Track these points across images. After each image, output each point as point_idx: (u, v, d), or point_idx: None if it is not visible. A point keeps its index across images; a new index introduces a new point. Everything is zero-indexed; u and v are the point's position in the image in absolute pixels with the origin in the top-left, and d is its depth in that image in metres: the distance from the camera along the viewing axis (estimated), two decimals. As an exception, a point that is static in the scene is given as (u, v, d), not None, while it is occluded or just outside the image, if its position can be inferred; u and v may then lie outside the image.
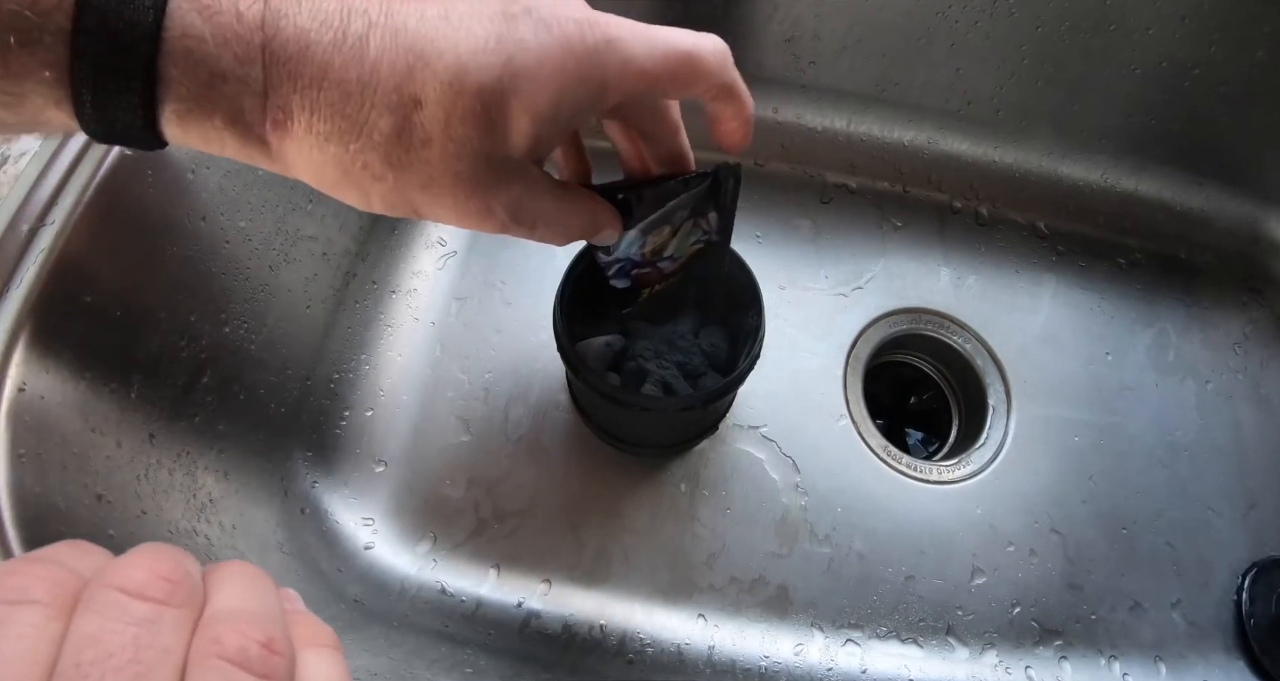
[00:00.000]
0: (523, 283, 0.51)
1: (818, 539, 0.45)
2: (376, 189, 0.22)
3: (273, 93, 0.20)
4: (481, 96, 0.21)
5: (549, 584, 0.43)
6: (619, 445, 0.45)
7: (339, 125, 0.21)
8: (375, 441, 0.46)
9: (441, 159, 0.21)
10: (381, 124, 0.21)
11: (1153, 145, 0.55)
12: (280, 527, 0.40)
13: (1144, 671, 0.43)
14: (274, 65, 0.20)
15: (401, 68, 0.20)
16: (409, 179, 0.22)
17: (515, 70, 0.21)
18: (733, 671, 0.41)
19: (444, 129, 0.21)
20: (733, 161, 0.29)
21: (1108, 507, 0.47)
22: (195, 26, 0.19)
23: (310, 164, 0.22)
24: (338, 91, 0.20)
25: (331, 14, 0.20)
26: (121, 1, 0.19)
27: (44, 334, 0.28)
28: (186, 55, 0.20)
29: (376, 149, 0.21)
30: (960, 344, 0.51)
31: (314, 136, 0.21)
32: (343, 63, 0.20)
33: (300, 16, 0.20)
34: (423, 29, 0.21)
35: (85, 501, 0.28)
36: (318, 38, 0.20)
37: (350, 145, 0.21)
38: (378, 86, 0.20)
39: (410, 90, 0.20)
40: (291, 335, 0.42)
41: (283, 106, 0.21)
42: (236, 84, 0.20)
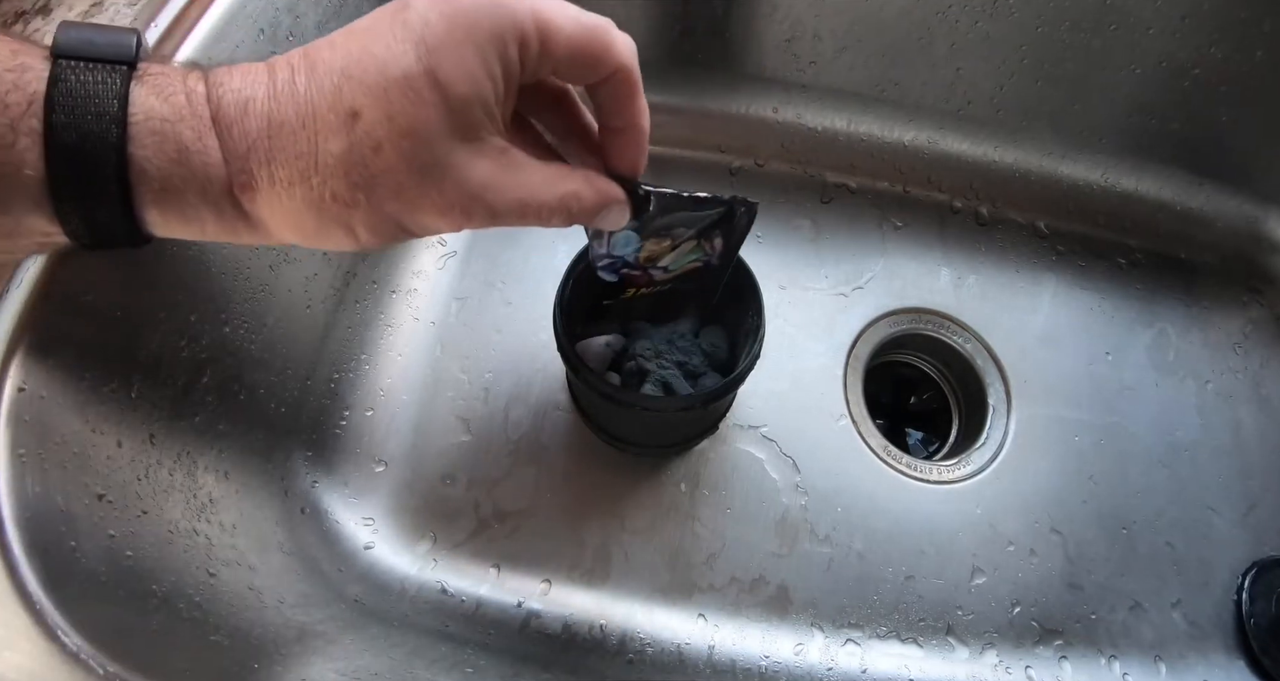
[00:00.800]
0: (523, 283, 0.51)
1: (818, 538, 0.45)
2: (355, 217, 0.22)
3: (230, 157, 0.22)
4: (409, 80, 0.21)
5: (549, 584, 0.43)
6: (619, 445, 0.45)
7: (296, 166, 0.22)
8: (375, 441, 0.46)
9: (399, 158, 0.21)
10: (331, 147, 0.21)
11: (1153, 145, 0.55)
12: (280, 527, 0.40)
13: (1144, 671, 0.43)
14: (225, 132, 0.22)
15: (330, 90, 0.21)
16: (379, 194, 0.22)
17: (430, 44, 0.21)
18: (733, 671, 0.41)
19: (388, 127, 0.21)
20: (752, 200, 0.29)
21: (1108, 507, 0.47)
22: (156, 108, 0.21)
23: (286, 215, 0.22)
24: (284, 135, 0.21)
25: (259, 72, 0.22)
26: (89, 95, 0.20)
27: (44, 334, 0.28)
28: (152, 134, 0.21)
29: (335, 173, 0.21)
30: (960, 344, 0.51)
31: (279, 186, 0.22)
32: (279, 109, 0.21)
33: (234, 81, 0.22)
34: (335, 53, 0.22)
35: (85, 501, 0.28)
36: (253, 94, 0.22)
37: (312, 179, 0.22)
38: (315, 115, 0.21)
39: (343, 106, 0.21)
40: (291, 335, 0.42)
41: (243, 167, 0.22)
42: (199, 155, 0.21)
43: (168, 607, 0.29)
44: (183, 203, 0.22)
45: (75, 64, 0.21)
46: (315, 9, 0.40)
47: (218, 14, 0.34)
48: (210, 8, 0.34)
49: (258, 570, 0.35)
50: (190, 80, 0.22)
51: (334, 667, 0.32)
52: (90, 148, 0.20)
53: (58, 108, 0.20)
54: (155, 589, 0.29)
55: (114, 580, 0.28)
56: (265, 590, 0.35)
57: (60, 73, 0.20)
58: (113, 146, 0.20)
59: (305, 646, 0.33)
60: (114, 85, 0.21)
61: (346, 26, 0.23)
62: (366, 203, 0.22)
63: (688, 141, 0.56)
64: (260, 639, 0.32)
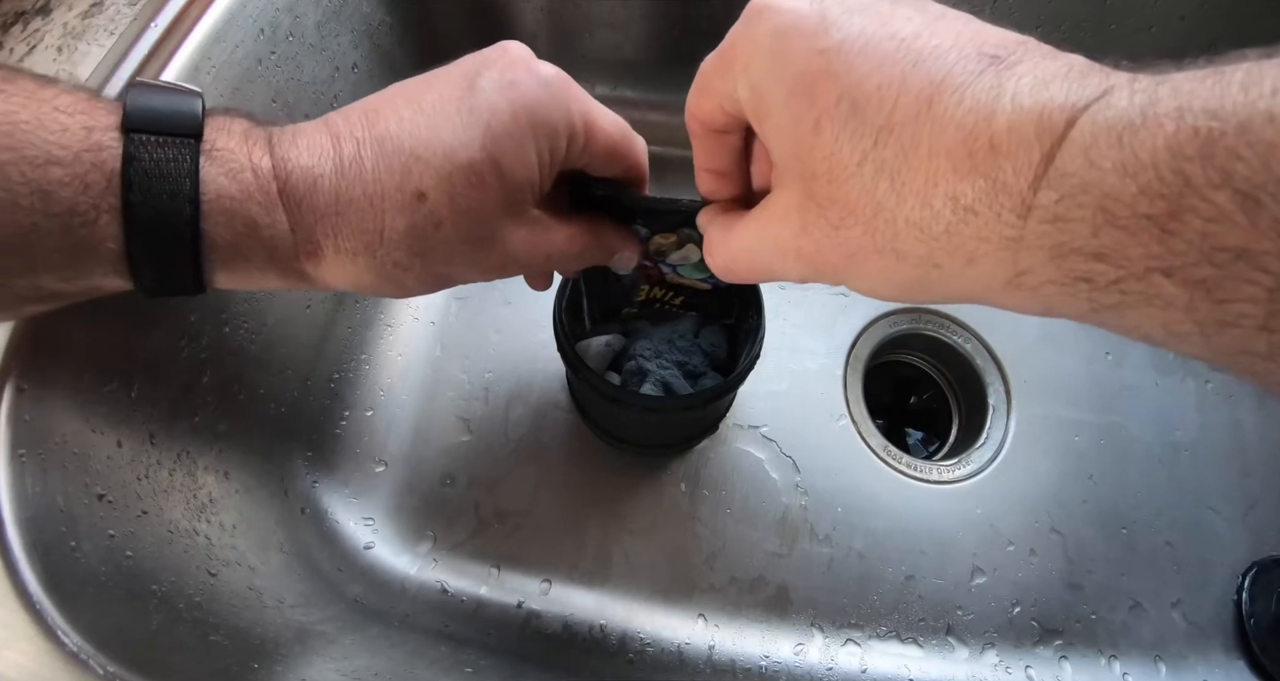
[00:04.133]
0: (523, 283, 0.51)
1: (818, 538, 0.45)
2: (408, 278, 0.25)
3: (298, 229, 0.23)
4: (474, 168, 0.23)
5: (549, 584, 0.43)
6: (619, 445, 0.45)
7: (362, 240, 0.23)
8: (375, 441, 0.46)
9: (455, 233, 0.24)
10: (397, 224, 0.23)
11: (1153, 145, 0.55)
12: (280, 527, 0.40)
13: (1144, 671, 0.43)
14: (293, 206, 0.23)
15: (399, 170, 0.23)
16: (433, 259, 0.24)
17: (495, 132, 0.23)
18: (733, 671, 0.41)
19: (450, 208, 0.23)
20: None
21: (1108, 507, 0.47)
22: (226, 187, 0.22)
23: (347, 277, 0.25)
24: (352, 211, 0.23)
25: (326, 146, 0.23)
26: (162, 175, 0.21)
27: (44, 334, 0.28)
28: (222, 213, 0.22)
29: (399, 246, 0.24)
30: (960, 344, 0.51)
31: (343, 255, 0.24)
32: (348, 185, 0.23)
33: (302, 156, 0.23)
34: (403, 130, 0.23)
35: (85, 501, 0.28)
36: (320, 170, 0.23)
37: (376, 252, 0.24)
38: (384, 196, 0.23)
39: (411, 187, 0.23)
40: (291, 335, 0.42)
41: (310, 238, 0.23)
42: (268, 229, 0.23)
43: (168, 607, 0.29)
44: (249, 267, 0.24)
45: (146, 139, 0.22)
46: (315, 9, 0.40)
47: (218, 14, 0.34)
48: (210, 8, 0.34)
49: (258, 570, 0.35)
50: (256, 154, 0.23)
51: (334, 667, 0.32)
52: (166, 224, 0.22)
53: (134, 188, 0.21)
54: (155, 589, 0.29)
55: (114, 580, 0.28)
56: (265, 590, 0.35)
57: (134, 151, 0.21)
58: (186, 223, 0.22)
59: (305, 646, 0.33)
60: (184, 163, 0.22)
61: (412, 95, 0.24)
62: (421, 266, 0.24)
63: (687, 141, 0.56)
64: (260, 639, 0.32)
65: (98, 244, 0.22)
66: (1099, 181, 0.14)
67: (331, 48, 0.42)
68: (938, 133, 0.16)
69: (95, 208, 0.21)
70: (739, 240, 0.22)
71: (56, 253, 0.21)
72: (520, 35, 0.53)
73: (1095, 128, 0.14)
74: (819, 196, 0.19)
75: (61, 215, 0.21)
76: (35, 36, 0.32)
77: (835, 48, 0.18)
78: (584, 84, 0.26)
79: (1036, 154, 0.15)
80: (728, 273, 0.24)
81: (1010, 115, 0.16)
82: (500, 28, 0.53)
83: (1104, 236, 0.14)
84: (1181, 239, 0.13)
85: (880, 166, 0.17)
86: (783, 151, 0.19)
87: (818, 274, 0.20)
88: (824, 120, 0.18)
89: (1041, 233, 0.15)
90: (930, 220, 0.17)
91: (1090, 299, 0.15)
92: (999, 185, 0.16)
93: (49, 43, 0.32)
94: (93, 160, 0.21)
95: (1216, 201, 0.13)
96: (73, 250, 0.22)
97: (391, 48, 0.47)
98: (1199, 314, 0.14)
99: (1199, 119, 0.13)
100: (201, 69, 0.33)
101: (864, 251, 0.18)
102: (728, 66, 0.20)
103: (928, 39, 0.17)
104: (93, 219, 0.21)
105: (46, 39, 0.32)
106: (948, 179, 0.16)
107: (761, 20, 0.19)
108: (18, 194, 0.20)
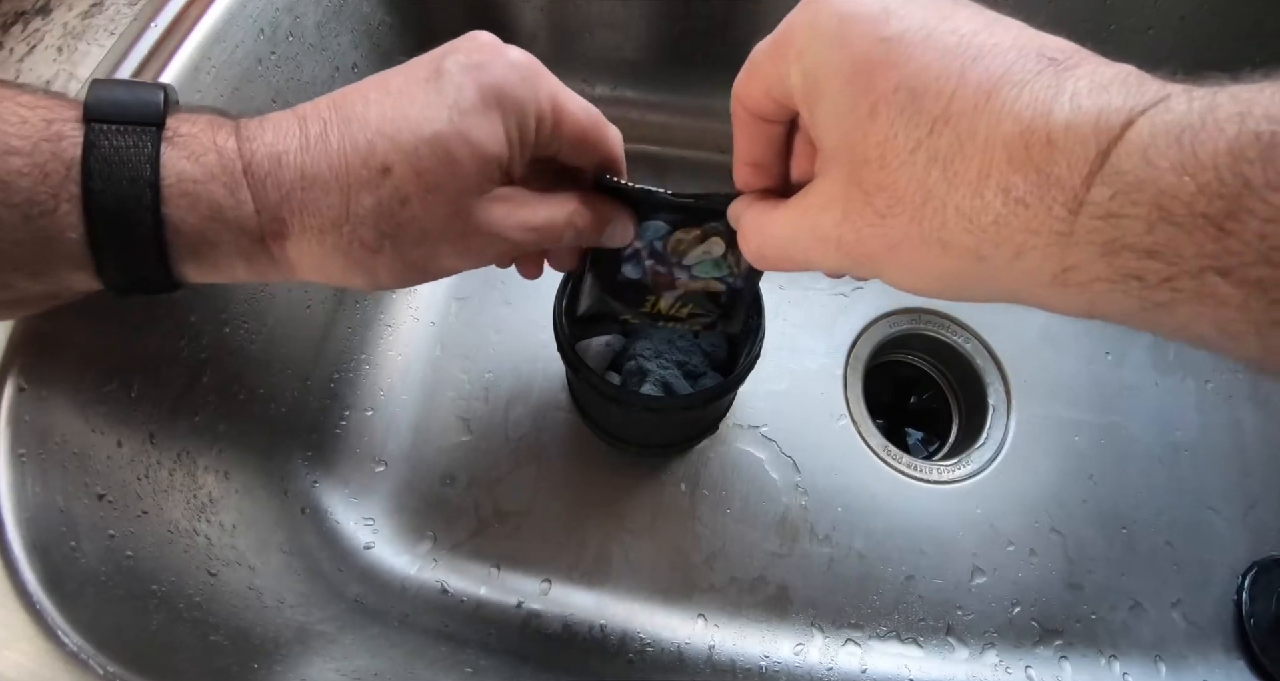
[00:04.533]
0: (523, 283, 0.50)
1: (818, 538, 0.45)
2: (379, 262, 0.24)
3: (263, 208, 0.23)
4: (439, 140, 0.23)
5: (549, 584, 0.43)
6: (619, 445, 0.45)
7: (329, 216, 0.23)
8: (375, 441, 0.46)
9: (424, 209, 0.23)
10: (364, 200, 0.23)
11: (1153, 145, 0.55)
12: (280, 527, 0.40)
13: (1144, 671, 0.43)
14: (257, 184, 0.23)
15: (364, 147, 0.23)
16: (403, 240, 0.24)
17: (463, 109, 0.23)
18: (733, 671, 0.41)
19: (417, 183, 0.23)
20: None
21: (1108, 507, 0.47)
22: (188, 170, 0.22)
23: (314, 259, 0.24)
24: (317, 187, 0.23)
25: (291, 125, 0.23)
26: (122, 161, 0.21)
27: (44, 334, 0.28)
28: (185, 196, 0.22)
29: (366, 223, 0.23)
30: (960, 344, 0.51)
31: (309, 233, 0.23)
32: (313, 161, 0.23)
33: (266, 136, 0.23)
34: (370, 110, 0.23)
35: (85, 501, 0.28)
36: (284, 147, 0.23)
37: (343, 228, 0.23)
38: (349, 171, 0.23)
39: (376, 162, 0.23)
40: (291, 335, 0.42)
41: (275, 216, 0.23)
42: (232, 210, 0.23)
43: (168, 607, 0.29)
44: (215, 253, 0.23)
45: (107, 128, 0.21)
46: (315, 9, 0.40)
47: (218, 14, 0.34)
48: (210, 8, 0.34)
49: (258, 570, 0.35)
50: (220, 137, 0.23)
51: (334, 667, 0.32)
52: (127, 211, 0.21)
53: (94, 174, 0.21)
54: (155, 589, 0.29)
55: (114, 580, 0.28)
56: (265, 590, 0.35)
57: (94, 138, 0.21)
58: (148, 208, 0.22)
59: (305, 646, 0.33)
60: (145, 149, 0.22)
61: (379, 80, 0.24)
62: (391, 248, 0.24)
63: (688, 141, 0.56)
64: (260, 639, 0.32)
65: (59, 234, 0.21)
66: (1155, 179, 0.14)
67: (331, 48, 0.42)
68: (995, 125, 0.17)
69: (55, 197, 0.21)
70: (776, 226, 0.22)
71: (17, 246, 0.21)
72: (520, 35, 0.53)
73: (1154, 129, 0.15)
74: (867, 183, 0.19)
75: (20, 205, 0.21)
76: (35, 36, 0.32)
77: (897, 37, 0.18)
78: (584, 84, 0.26)
79: (1093, 150, 0.15)
80: (760, 259, 0.24)
81: (1069, 114, 0.16)
82: (500, 28, 0.53)
83: (1158, 233, 0.15)
84: (1239, 239, 0.14)
85: (934, 155, 0.17)
86: (833, 138, 0.19)
87: (855, 265, 0.20)
88: (881, 106, 0.18)
89: (1093, 228, 0.15)
90: (980, 210, 0.17)
91: (1141, 297, 0.15)
92: (1052, 179, 0.16)
93: (49, 43, 0.32)
94: (52, 150, 0.21)
95: (1276, 203, 0.13)
96: (34, 242, 0.21)
97: (391, 48, 0.47)
98: (1254, 313, 0.14)
99: (1260, 124, 0.13)
100: (201, 69, 0.33)
101: (909, 241, 0.18)
102: (782, 51, 0.21)
103: (987, 37, 0.18)
104: (52, 208, 0.21)
105: (46, 39, 0.32)
106: (1001, 170, 0.16)
107: (823, 6, 0.19)
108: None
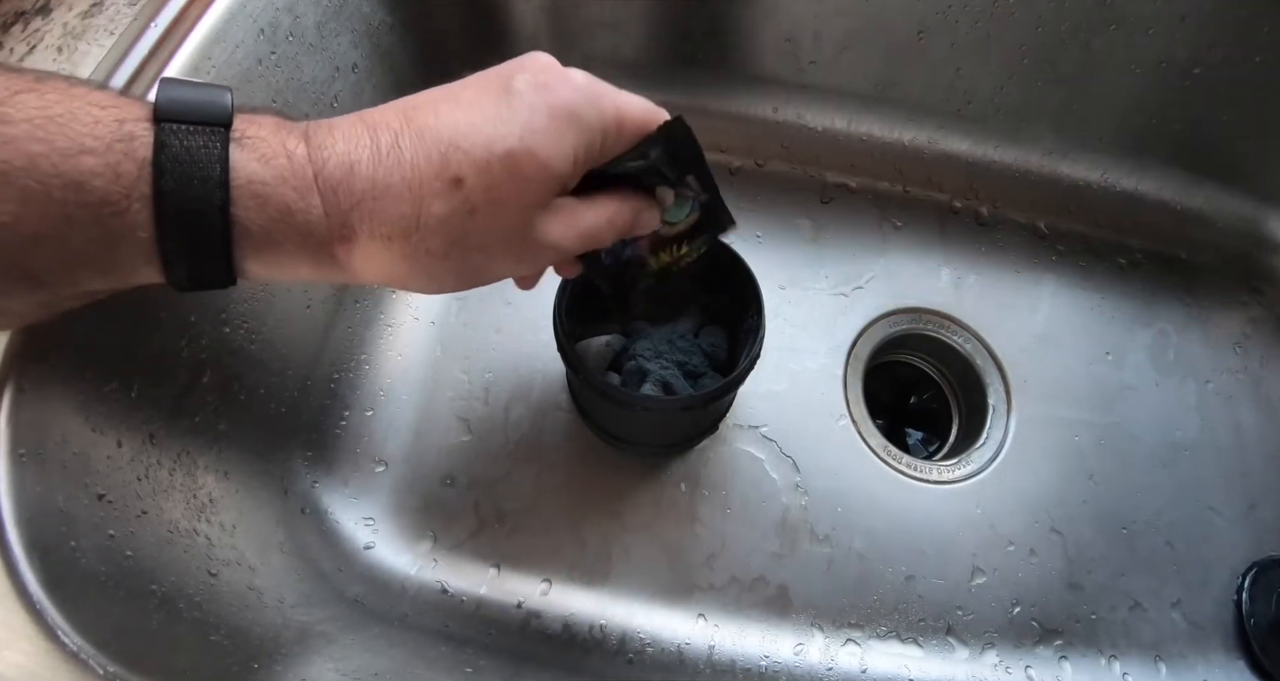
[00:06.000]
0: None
1: (818, 539, 0.45)
2: (444, 268, 0.25)
3: (332, 213, 0.23)
4: (511, 157, 0.24)
5: (549, 584, 0.43)
6: (619, 445, 0.45)
7: (399, 225, 0.24)
8: (375, 441, 0.46)
9: (490, 220, 0.24)
10: (434, 209, 0.24)
11: (1153, 145, 0.55)
12: (280, 527, 0.40)
13: (1144, 671, 0.43)
14: (328, 191, 0.23)
15: (436, 159, 0.24)
16: (467, 247, 0.25)
17: (534, 128, 0.24)
18: (733, 671, 0.41)
19: (486, 194, 0.24)
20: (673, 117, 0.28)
21: (1108, 507, 0.47)
22: (258, 172, 0.23)
23: (380, 265, 0.25)
24: (389, 197, 0.24)
25: (361, 134, 0.24)
26: (193, 161, 0.22)
27: (44, 334, 0.28)
28: (254, 197, 0.23)
29: (435, 232, 0.24)
30: (960, 344, 0.51)
31: (378, 240, 0.24)
32: (385, 173, 0.23)
33: (338, 144, 0.24)
34: (442, 122, 0.24)
35: (85, 501, 0.28)
36: (357, 157, 0.23)
37: (412, 236, 0.24)
38: (421, 183, 0.24)
39: (448, 173, 0.24)
40: (291, 335, 0.42)
41: (344, 222, 0.24)
42: (301, 214, 0.23)
43: (168, 607, 0.29)
44: (279, 254, 0.24)
45: (177, 128, 0.22)
46: (315, 9, 0.40)
47: (218, 14, 0.34)
48: (210, 8, 0.34)
49: (258, 570, 0.35)
50: (290, 142, 0.23)
51: (334, 667, 0.32)
52: (197, 211, 0.22)
53: (165, 174, 0.21)
54: (155, 589, 0.29)
55: (114, 580, 0.28)
56: (265, 590, 0.35)
57: (165, 138, 0.22)
58: (217, 209, 0.22)
59: (305, 646, 0.33)
60: (215, 150, 0.22)
61: (447, 93, 0.25)
62: (456, 256, 0.25)
63: (688, 141, 0.56)
64: (260, 639, 0.32)
65: (129, 233, 0.22)
66: None
67: (331, 48, 0.42)
68: None
69: (127, 196, 0.21)
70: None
71: (90, 244, 0.22)
72: (520, 36, 0.53)
73: None
74: None
75: (94, 205, 0.21)
76: (35, 36, 0.32)
77: None
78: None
79: None
80: None
81: None
82: (500, 28, 0.53)
83: None
84: None
85: None
86: None
87: None
88: None
89: None
90: None
91: None
92: None
93: (49, 43, 0.32)
94: (124, 150, 0.21)
95: None
96: (105, 241, 0.22)
97: (391, 48, 0.47)
98: None
99: None
100: (201, 69, 0.33)
101: None
102: None
103: None
104: (124, 208, 0.21)
105: (46, 39, 0.32)
106: None
107: None
108: (51, 186, 0.20)
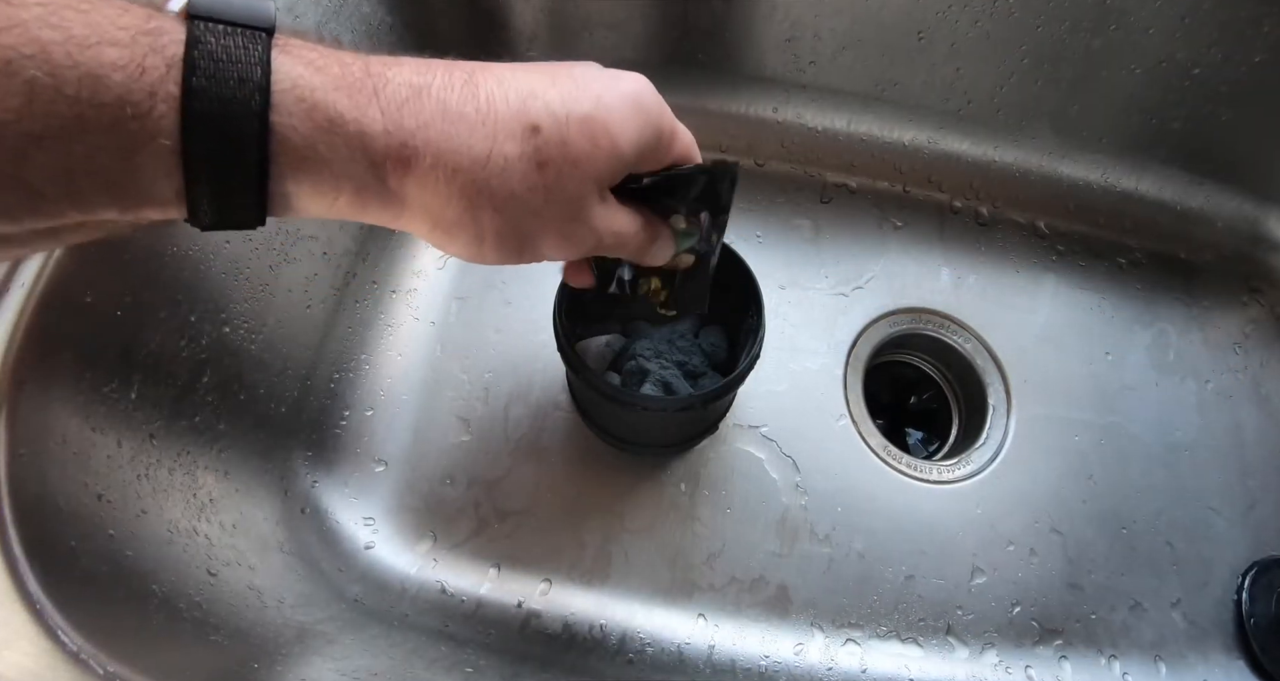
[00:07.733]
0: (523, 283, 0.51)
1: (818, 539, 0.45)
2: (493, 222, 0.23)
3: (394, 129, 0.21)
4: (588, 121, 0.23)
5: (549, 584, 0.43)
6: (619, 445, 0.45)
7: (466, 154, 0.22)
8: (375, 441, 0.46)
9: (556, 178, 0.23)
10: (508, 148, 0.22)
11: (1153, 145, 0.55)
12: (280, 527, 0.40)
13: (1144, 671, 0.43)
14: (391, 107, 0.21)
15: (515, 101, 0.22)
16: (525, 205, 0.23)
17: (607, 105, 0.23)
18: (733, 671, 0.41)
19: (560, 149, 0.23)
20: (730, 160, 0.28)
21: (1108, 507, 0.47)
22: (305, 76, 0.20)
23: (433, 200, 0.22)
24: (462, 123, 0.22)
25: (432, 67, 0.22)
26: (230, 59, 0.19)
27: (44, 334, 0.28)
28: (300, 102, 0.20)
29: (505, 173, 0.22)
30: (960, 344, 0.51)
31: (439, 170, 0.22)
32: (459, 100, 0.22)
33: (403, 72, 0.22)
34: (516, 78, 0.23)
35: (85, 501, 0.28)
36: (427, 82, 0.22)
37: (478, 172, 0.22)
38: (497, 119, 0.22)
39: (527, 118, 0.22)
40: (291, 335, 0.42)
41: (406, 142, 0.21)
42: (355, 124, 0.21)
43: (168, 607, 0.29)
44: (323, 172, 0.21)
45: (214, 26, 0.19)
46: (315, 9, 0.40)
47: (218, 14, 0.34)
48: (210, 8, 0.34)
49: (258, 570, 0.35)
50: (346, 57, 0.21)
51: (334, 667, 0.32)
52: (231, 114, 0.19)
53: (198, 71, 0.19)
54: (155, 589, 0.29)
55: (114, 580, 0.28)
56: (265, 590, 0.35)
57: (199, 34, 0.19)
58: (255, 114, 0.19)
59: (305, 646, 0.33)
60: (256, 50, 0.19)
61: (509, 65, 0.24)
62: (514, 211, 0.23)
63: (688, 141, 0.56)
64: (260, 639, 0.32)
65: (149, 140, 0.19)
66: None
67: (331, 48, 0.42)
68: None
69: (151, 95, 0.18)
70: None
71: (103, 152, 0.18)
72: (520, 35, 0.53)
73: None
74: None
75: (111, 105, 0.18)
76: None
77: None
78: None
79: None
80: None
81: None
82: (501, 28, 0.53)
83: None
84: None
85: None
86: None
87: None
88: None
89: None
90: None
91: None
92: None
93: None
94: (151, 44, 0.18)
95: None
96: (121, 149, 0.18)
97: (392, 48, 0.47)
98: None
99: None
100: (201, 69, 0.33)
101: None
102: None
103: None
104: (147, 109, 0.18)
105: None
106: None
107: None
108: (63, 79, 0.17)
